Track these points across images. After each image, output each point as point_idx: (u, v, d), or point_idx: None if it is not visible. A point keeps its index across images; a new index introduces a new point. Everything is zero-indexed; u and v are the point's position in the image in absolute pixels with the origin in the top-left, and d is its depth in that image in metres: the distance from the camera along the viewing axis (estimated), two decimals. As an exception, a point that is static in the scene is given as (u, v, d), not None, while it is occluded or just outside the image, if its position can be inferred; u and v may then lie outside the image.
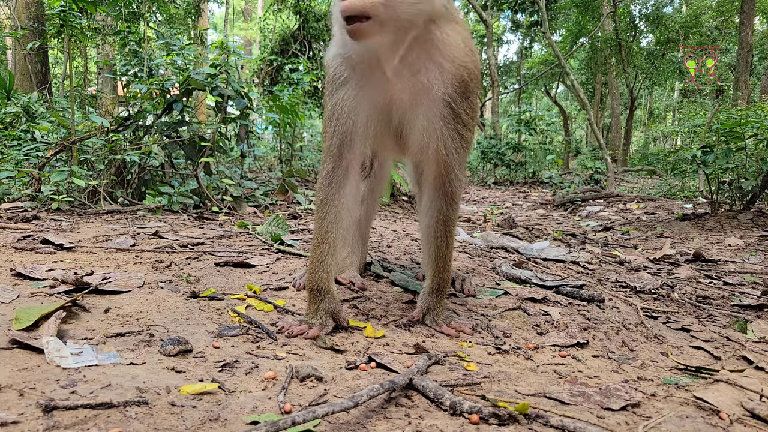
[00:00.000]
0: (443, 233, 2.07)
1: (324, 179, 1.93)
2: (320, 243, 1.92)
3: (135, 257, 2.71)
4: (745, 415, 1.39)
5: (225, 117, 5.81)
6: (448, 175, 1.98)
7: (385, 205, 6.61)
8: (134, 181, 5.27)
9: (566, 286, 2.72)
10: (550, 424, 1.24)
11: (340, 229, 1.96)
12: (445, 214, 2.05)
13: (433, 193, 2.04)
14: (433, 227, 2.07)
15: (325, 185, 1.93)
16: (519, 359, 1.74)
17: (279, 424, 1.06)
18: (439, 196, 2.03)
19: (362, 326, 1.89)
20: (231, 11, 27.38)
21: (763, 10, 21.69)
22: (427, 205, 2.09)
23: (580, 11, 23.35)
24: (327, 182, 1.93)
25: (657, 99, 37.28)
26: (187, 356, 1.49)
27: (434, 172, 1.99)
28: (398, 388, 1.34)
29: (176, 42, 6.27)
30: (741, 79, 15.06)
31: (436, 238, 2.07)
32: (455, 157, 1.93)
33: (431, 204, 2.06)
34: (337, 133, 1.89)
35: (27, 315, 1.62)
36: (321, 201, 1.94)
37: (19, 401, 1.14)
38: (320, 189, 1.94)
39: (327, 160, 1.93)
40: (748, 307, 2.75)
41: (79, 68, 12.59)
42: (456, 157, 1.93)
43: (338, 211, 1.93)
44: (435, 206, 2.05)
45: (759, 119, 5.69)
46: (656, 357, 1.87)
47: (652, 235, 5.52)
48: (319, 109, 18.30)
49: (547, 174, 14.60)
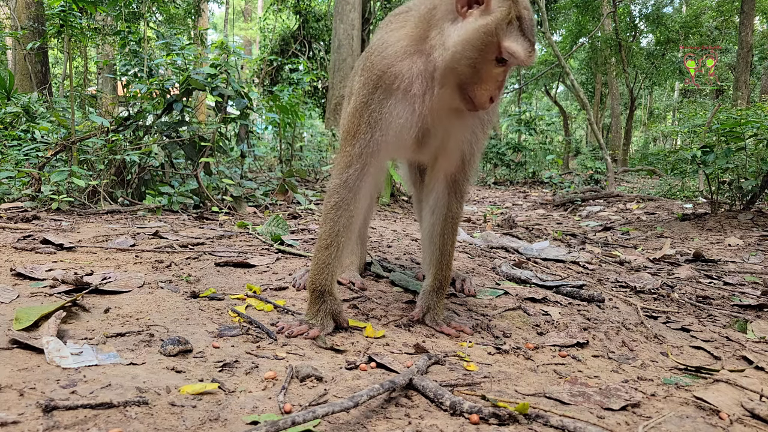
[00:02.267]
0: (450, 231, 2.09)
1: (343, 182, 1.84)
2: (328, 245, 1.87)
3: (135, 257, 2.71)
4: (745, 415, 1.39)
5: (225, 117, 5.80)
6: (464, 174, 2.02)
7: (385, 205, 6.61)
8: (134, 181, 5.27)
9: (566, 286, 2.72)
10: (550, 424, 1.24)
11: (351, 234, 1.92)
12: (454, 211, 2.07)
13: (443, 191, 2.05)
14: (440, 225, 2.08)
15: (344, 188, 1.84)
16: (519, 359, 1.74)
17: (279, 424, 1.06)
18: (449, 194, 2.05)
19: (362, 326, 1.89)
20: (231, 11, 27.38)
21: (763, 10, 21.69)
22: (434, 202, 2.09)
23: (580, 11, 23.33)
24: (347, 186, 1.84)
25: (657, 99, 37.27)
26: (187, 356, 1.49)
27: (450, 171, 2.01)
28: (398, 388, 1.34)
29: (176, 42, 6.27)
30: (741, 79, 15.06)
31: (442, 235, 2.08)
32: (476, 156, 1.99)
33: (440, 201, 2.08)
34: (368, 139, 1.81)
35: (27, 315, 1.62)
36: (335, 203, 1.86)
37: (19, 401, 1.14)
38: (336, 191, 1.85)
39: (350, 163, 1.83)
40: (748, 307, 2.75)
41: (79, 68, 12.59)
42: (476, 155, 1.99)
43: (352, 215, 1.88)
44: (444, 204, 2.07)
45: (759, 119, 5.68)
46: (656, 357, 1.87)
47: (652, 235, 5.52)
48: (319, 109, 18.32)
49: (547, 174, 14.59)
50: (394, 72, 1.77)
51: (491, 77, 1.70)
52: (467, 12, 1.68)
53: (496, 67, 1.68)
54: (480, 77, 1.69)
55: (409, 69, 1.75)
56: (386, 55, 1.78)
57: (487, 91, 1.71)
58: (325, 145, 10.87)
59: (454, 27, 1.69)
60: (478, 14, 1.66)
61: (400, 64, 1.76)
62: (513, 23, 1.64)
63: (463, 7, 1.68)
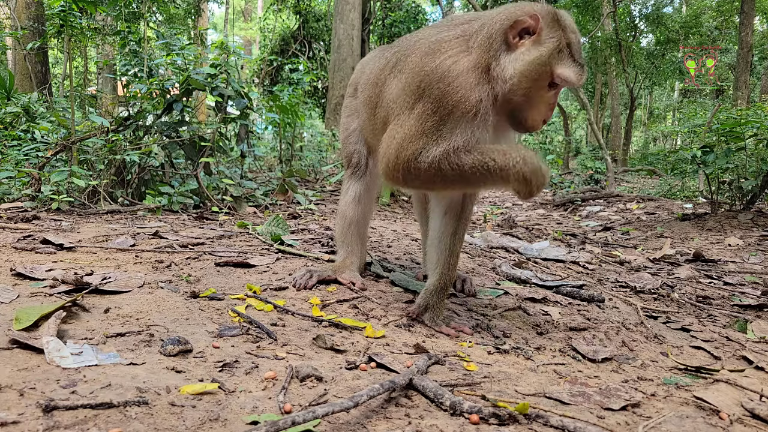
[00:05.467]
0: (462, 232, 2.13)
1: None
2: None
3: (135, 257, 2.71)
4: (745, 415, 1.39)
5: (225, 117, 5.80)
6: None
7: (385, 205, 6.61)
8: (134, 181, 5.27)
9: (566, 286, 2.72)
10: (550, 424, 1.24)
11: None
12: (467, 212, 2.13)
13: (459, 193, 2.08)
14: (452, 225, 2.11)
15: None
16: (519, 359, 1.74)
17: (279, 424, 1.06)
18: (465, 196, 2.09)
19: (362, 326, 1.88)
20: (231, 11, 27.38)
21: (763, 10, 21.70)
22: (448, 203, 2.12)
23: (580, 11, 23.32)
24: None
25: (657, 99, 37.26)
26: (187, 356, 1.49)
27: None
28: (398, 388, 1.34)
29: (176, 42, 6.26)
30: (741, 79, 15.06)
31: (454, 235, 2.11)
32: None
33: (454, 203, 2.10)
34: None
35: (27, 315, 1.62)
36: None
37: (19, 401, 1.14)
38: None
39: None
40: (748, 307, 2.75)
41: (79, 68, 12.59)
42: None
43: None
44: (459, 204, 2.10)
45: (759, 119, 5.68)
46: (656, 357, 1.87)
47: (652, 235, 5.52)
48: (319, 110, 18.32)
49: (547, 174, 14.56)
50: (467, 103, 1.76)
51: (544, 101, 1.77)
52: (519, 42, 1.74)
53: (549, 92, 1.75)
54: (533, 102, 1.76)
55: (478, 99, 1.76)
56: (457, 86, 1.76)
57: (540, 114, 1.78)
58: (325, 145, 10.87)
59: (508, 58, 1.74)
60: (530, 44, 1.72)
61: (472, 95, 1.76)
62: (564, 51, 1.71)
63: (515, 38, 1.74)
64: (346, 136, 2.59)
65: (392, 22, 17.39)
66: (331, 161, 10.20)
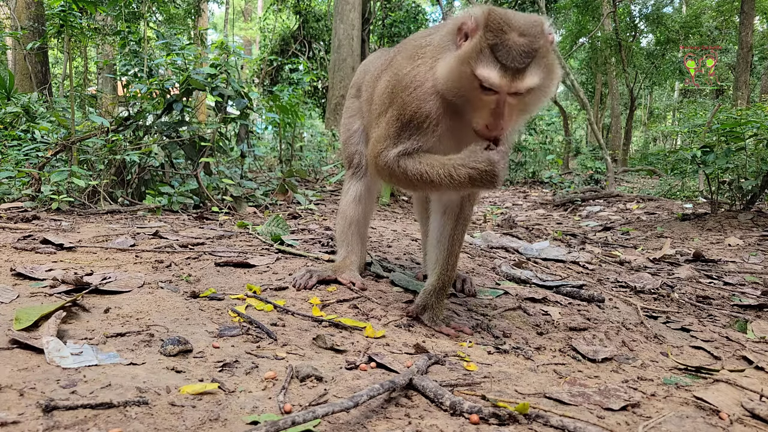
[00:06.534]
0: (461, 232, 2.14)
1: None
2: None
3: (135, 257, 2.71)
4: (745, 415, 1.39)
5: (225, 117, 5.80)
6: None
7: (385, 205, 6.61)
8: (134, 181, 5.27)
9: (566, 286, 2.72)
10: (550, 424, 1.24)
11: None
12: (466, 213, 2.13)
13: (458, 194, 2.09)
14: (451, 225, 2.12)
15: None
16: (519, 359, 1.74)
17: (279, 424, 1.06)
18: (463, 197, 2.09)
19: (362, 326, 1.88)
20: (231, 11, 27.37)
21: (763, 10, 21.69)
22: (447, 203, 2.13)
23: (580, 11, 23.32)
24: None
25: (657, 99, 37.25)
26: (187, 356, 1.49)
27: None
28: (398, 388, 1.34)
29: (176, 42, 6.26)
30: (741, 79, 15.05)
31: (452, 236, 2.11)
32: None
33: (453, 203, 2.11)
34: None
35: (27, 315, 1.62)
36: None
37: (19, 401, 1.14)
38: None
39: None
40: (748, 307, 2.75)
41: (79, 68, 12.58)
42: None
43: None
44: (458, 205, 2.11)
45: (759, 119, 5.68)
46: (656, 357, 1.87)
47: (652, 235, 5.52)
48: (319, 110, 18.32)
49: (547, 174, 14.57)
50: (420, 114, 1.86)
51: (483, 106, 1.72)
52: (462, 44, 1.74)
53: (486, 95, 1.68)
54: (473, 106, 1.75)
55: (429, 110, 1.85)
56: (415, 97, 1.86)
57: (483, 119, 1.73)
58: (325, 145, 10.87)
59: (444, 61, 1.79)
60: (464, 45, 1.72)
61: (424, 107, 1.85)
62: (485, 51, 1.64)
63: (461, 40, 1.74)
64: (347, 137, 2.59)
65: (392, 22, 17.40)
66: (331, 161, 10.20)
